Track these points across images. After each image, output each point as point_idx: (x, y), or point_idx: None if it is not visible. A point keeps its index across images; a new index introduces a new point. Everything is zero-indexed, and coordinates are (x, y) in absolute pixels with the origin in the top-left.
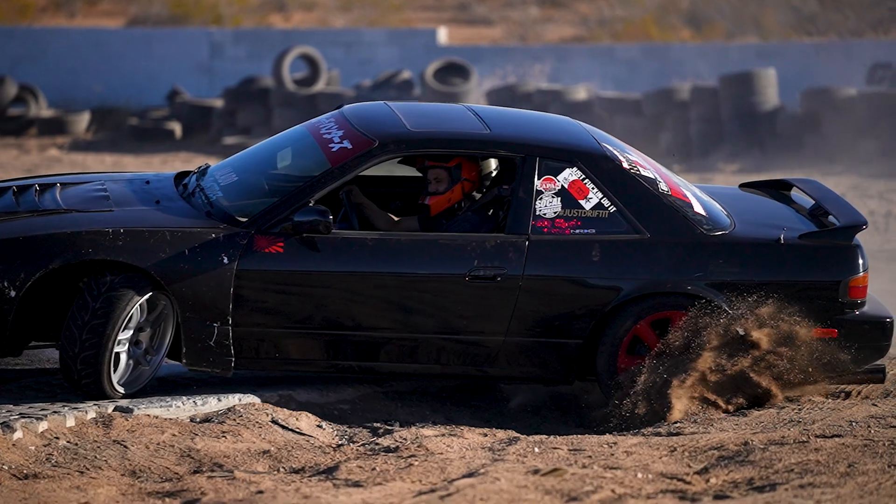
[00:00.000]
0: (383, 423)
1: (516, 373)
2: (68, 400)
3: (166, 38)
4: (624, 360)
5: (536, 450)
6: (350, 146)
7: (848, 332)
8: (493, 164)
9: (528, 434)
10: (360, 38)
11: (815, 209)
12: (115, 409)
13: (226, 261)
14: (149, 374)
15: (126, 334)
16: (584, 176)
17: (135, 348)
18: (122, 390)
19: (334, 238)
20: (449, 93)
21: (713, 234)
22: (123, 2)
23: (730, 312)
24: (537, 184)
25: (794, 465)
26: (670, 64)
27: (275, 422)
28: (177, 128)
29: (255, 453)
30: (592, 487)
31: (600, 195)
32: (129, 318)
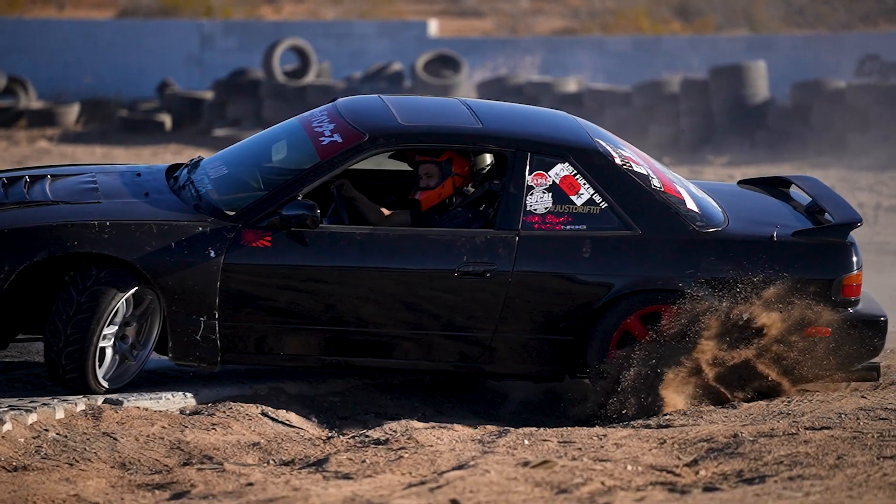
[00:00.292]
0: (373, 415)
1: (506, 369)
2: (58, 392)
3: (156, 29)
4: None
5: (526, 442)
6: (340, 140)
7: (841, 331)
8: (488, 159)
9: (518, 426)
10: (350, 30)
11: (812, 206)
12: (105, 401)
13: (212, 255)
14: (136, 368)
15: (111, 329)
16: (575, 171)
17: (121, 343)
18: (107, 385)
19: (322, 232)
20: (439, 85)
21: (706, 231)
22: None
23: (727, 302)
24: (528, 179)
25: (784, 458)
26: (661, 56)
27: (265, 414)
28: (167, 120)
29: (245, 445)
30: (582, 480)
31: (592, 191)
32: (115, 312)
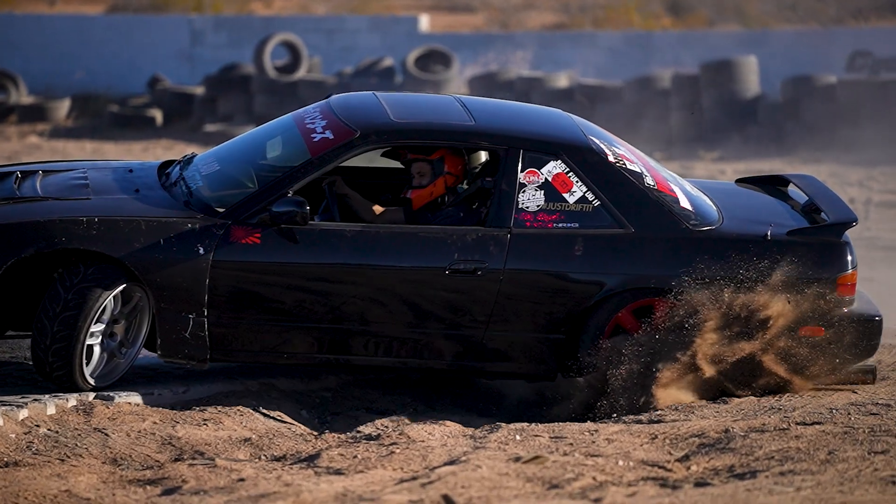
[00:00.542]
0: (365, 411)
1: (498, 368)
2: (49, 388)
3: (147, 25)
4: None
5: (518, 437)
6: (332, 136)
7: (836, 331)
8: (483, 157)
9: (509, 421)
10: (341, 25)
11: (808, 205)
12: (96, 396)
13: (201, 251)
14: (125, 366)
15: (99, 327)
16: (568, 169)
17: (109, 340)
18: (95, 383)
19: (312, 230)
20: (430, 80)
21: (699, 230)
22: None
23: (717, 301)
24: (520, 176)
25: (775, 453)
26: (652, 51)
27: (256, 410)
28: (158, 115)
29: (237, 441)
30: (573, 475)
31: (584, 189)
32: (103, 310)
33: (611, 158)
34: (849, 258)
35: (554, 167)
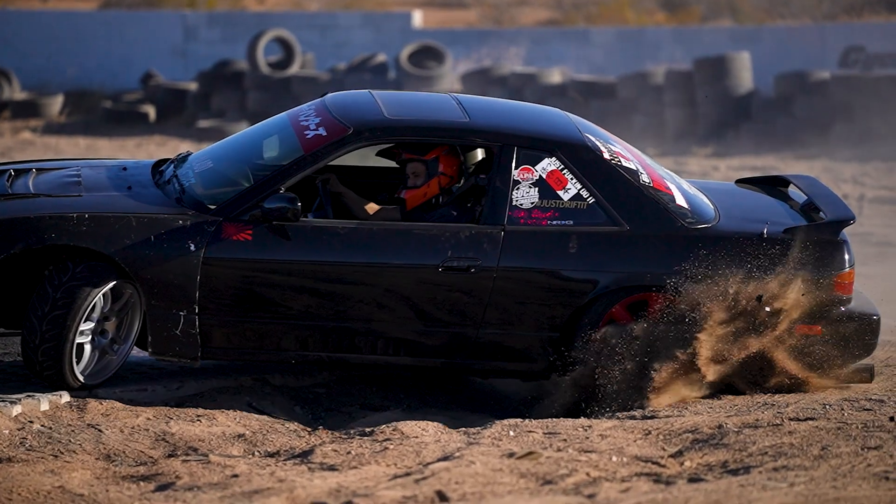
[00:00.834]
0: (358, 407)
1: (491, 366)
2: (43, 385)
3: (140, 20)
4: None
5: (511, 433)
6: (325, 133)
7: (833, 330)
8: (479, 157)
9: (503, 417)
10: (334, 21)
11: (807, 205)
12: (90, 393)
13: (192, 248)
14: (116, 363)
15: (89, 325)
16: (562, 166)
17: (100, 338)
18: (86, 381)
19: (305, 226)
20: (424, 76)
21: (695, 227)
22: None
23: (712, 300)
24: (514, 174)
25: (768, 448)
26: (645, 47)
27: (250, 406)
28: (151, 111)
29: (230, 437)
30: (567, 471)
31: (579, 186)
32: (92, 308)
33: (606, 156)
34: (846, 256)
35: (548, 164)
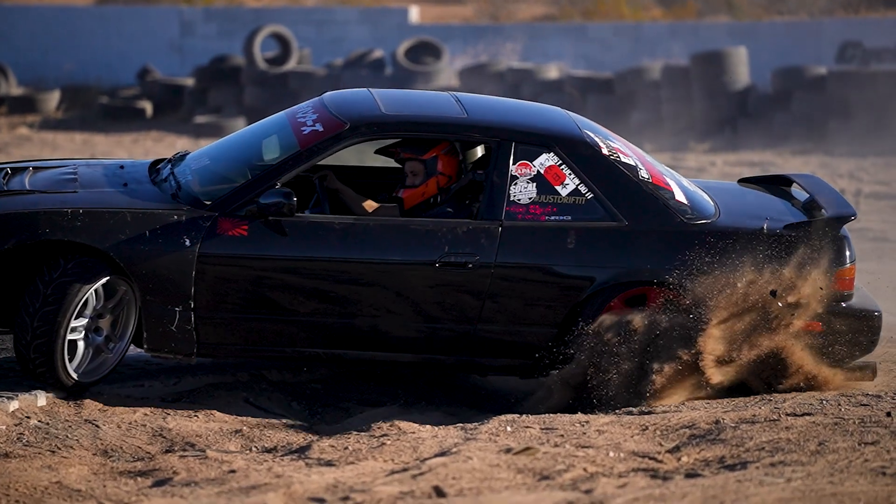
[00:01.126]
0: (355, 402)
1: (489, 362)
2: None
3: (137, 16)
4: None
5: (509, 429)
6: (321, 129)
7: (834, 326)
8: (478, 155)
9: (500, 413)
10: (331, 16)
11: (809, 202)
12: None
13: (188, 243)
14: (112, 361)
15: (81, 321)
16: (561, 161)
17: (94, 335)
18: (79, 378)
19: (301, 222)
20: (420, 72)
21: (694, 223)
22: None
23: (711, 296)
24: (512, 169)
25: (765, 444)
26: (642, 43)
27: (247, 401)
28: (148, 106)
29: (227, 433)
30: (564, 466)
31: (577, 181)
32: (84, 304)
33: (605, 151)
34: (847, 252)
35: (546, 159)
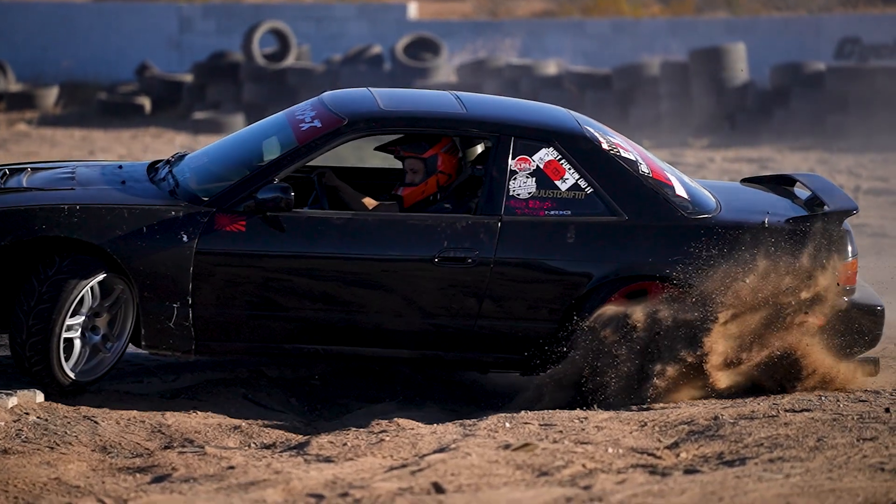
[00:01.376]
0: (354, 399)
1: (489, 359)
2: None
3: (135, 12)
4: None
5: (507, 425)
6: (319, 125)
7: (836, 321)
8: (479, 152)
9: (499, 410)
10: (330, 12)
11: (811, 199)
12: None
13: (185, 239)
14: (110, 361)
15: (77, 319)
16: (560, 156)
17: (91, 334)
18: (77, 377)
19: (299, 217)
20: (419, 68)
21: (695, 218)
22: None
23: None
24: (511, 164)
25: (764, 440)
26: (640, 39)
27: (246, 397)
28: (146, 102)
29: (226, 429)
30: (563, 462)
31: (577, 176)
32: (80, 302)
33: (604, 146)
34: (849, 246)
35: (546, 154)
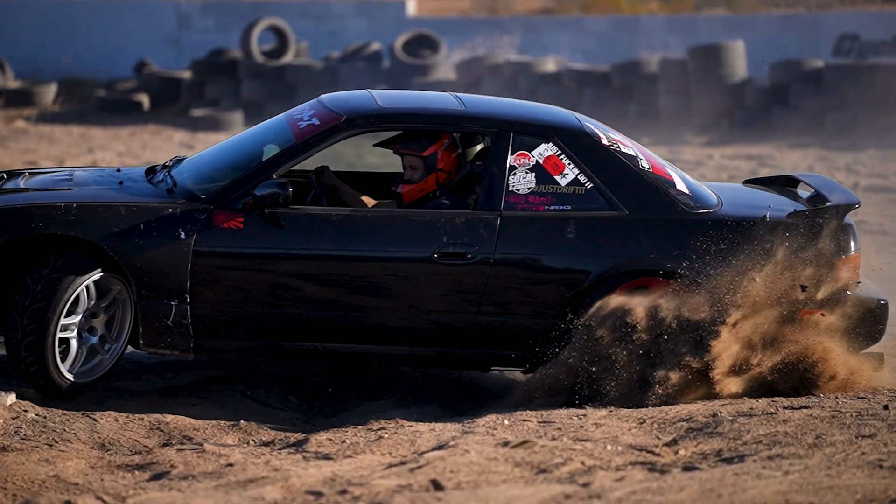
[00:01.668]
0: (353, 396)
1: (489, 356)
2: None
3: (134, 9)
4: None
5: (506, 422)
6: (317, 122)
7: (839, 315)
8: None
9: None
10: (328, 9)
11: (813, 197)
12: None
13: (183, 236)
14: (108, 363)
15: (73, 319)
16: (560, 151)
17: (89, 335)
18: (74, 379)
19: (297, 214)
20: (418, 65)
21: (697, 212)
22: None
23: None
24: (511, 159)
25: (763, 437)
26: (639, 36)
27: (245, 394)
28: (145, 100)
29: (225, 426)
30: (562, 459)
31: (577, 171)
32: (76, 302)
33: (604, 141)
34: (852, 240)
35: (545, 150)
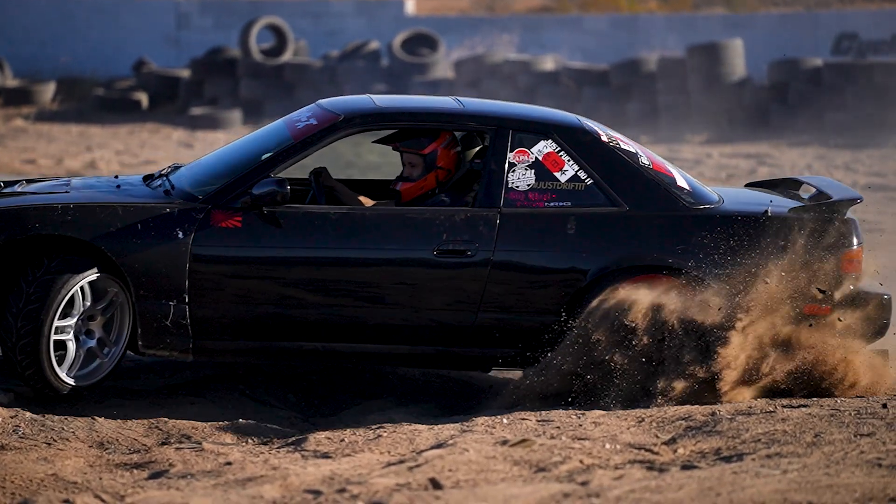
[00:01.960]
0: (351, 395)
1: (489, 355)
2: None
3: (133, 7)
4: None
5: (505, 421)
6: (315, 122)
7: (842, 310)
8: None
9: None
10: (327, 8)
11: (816, 195)
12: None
13: (181, 235)
14: (108, 366)
15: (68, 321)
16: (559, 148)
17: (86, 338)
18: (72, 382)
19: (296, 212)
20: (417, 64)
21: (697, 208)
22: None
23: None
24: (510, 156)
25: (761, 435)
26: (638, 35)
27: (243, 393)
28: (143, 98)
29: (224, 425)
30: (561, 458)
31: (576, 167)
32: (71, 303)
33: (604, 138)
34: (855, 235)
35: (545, 146)
